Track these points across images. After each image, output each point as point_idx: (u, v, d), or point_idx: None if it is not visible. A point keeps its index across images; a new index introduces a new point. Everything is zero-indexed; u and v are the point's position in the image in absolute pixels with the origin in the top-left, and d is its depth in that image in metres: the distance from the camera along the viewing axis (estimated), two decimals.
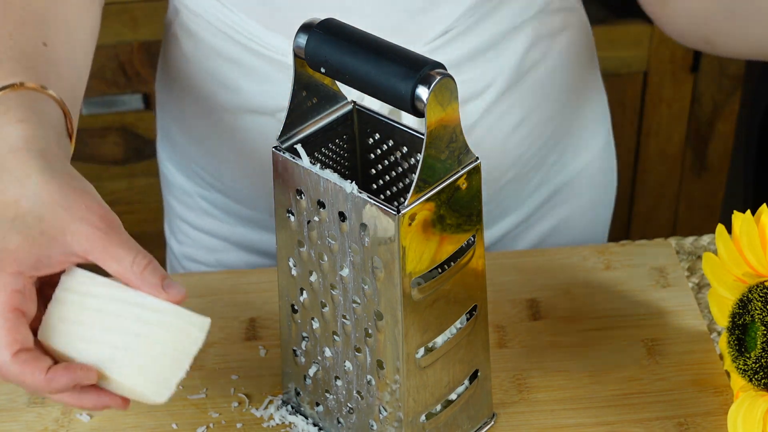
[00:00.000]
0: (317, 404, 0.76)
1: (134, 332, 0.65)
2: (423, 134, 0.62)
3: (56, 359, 0.66)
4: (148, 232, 1.23)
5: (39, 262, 0.64)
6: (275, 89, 0.92)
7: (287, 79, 0.91)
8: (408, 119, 0.89)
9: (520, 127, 0.96)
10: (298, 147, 0.66)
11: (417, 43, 0.89)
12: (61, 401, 0.66)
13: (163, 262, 1.18)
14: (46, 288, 0.67)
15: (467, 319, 0.71)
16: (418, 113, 0.61)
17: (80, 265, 0.66)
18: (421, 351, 0.68)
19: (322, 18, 0.65)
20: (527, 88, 0.95)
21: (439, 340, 0.69)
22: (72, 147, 0.73)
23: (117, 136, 1.69)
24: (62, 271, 0.66)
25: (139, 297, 0.65)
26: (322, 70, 0.65)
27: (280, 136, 0.67)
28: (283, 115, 0.67)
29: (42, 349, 0.66)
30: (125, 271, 0.64)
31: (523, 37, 0.93)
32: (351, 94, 0.70)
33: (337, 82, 0.68)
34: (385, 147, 0.70)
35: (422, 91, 0.60)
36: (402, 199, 0.70)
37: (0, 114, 0.68)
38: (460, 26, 0.89)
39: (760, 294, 0.74)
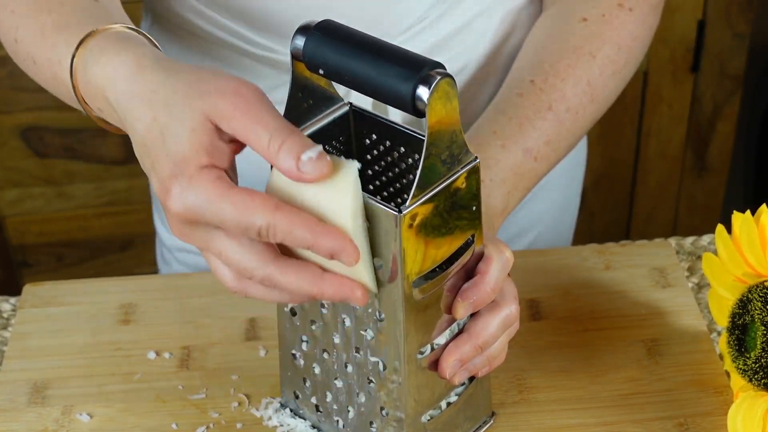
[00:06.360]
0: (317, 406, 0.76)
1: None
2: (420, 134, 0.62)
3: None
4: (148, 233, 1.23)
5: (215, 156, 0.61)
6: (257, 82, 0.92)
7: (272, 74, 0.92)
8: (395, 114, 0.89)
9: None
10: None
11: (392, 34, 0.89)
12: (293, 287, 0.61)
13: (153, 258, 1.17)
14: None
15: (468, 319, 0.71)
16: (419, 114, 0.61)
17: None
18: (422, 351, 0.68)
19: (318, 20, 0.65)
20: (499, 62, 0.96)
21: (440, 340, 0.69)
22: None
23: (117, 136, 1.69)
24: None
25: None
26: (321, 72, 0.64)
27: None
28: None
29: None
30: (264, 152, 0.59)
31: (495, 14, 0.93)
32: (338, 90, 0.70)
33: (333, 83, 0.68)
34: (381, 148, 0.70)
35: (423, 92, 0.60)
36: (401, 200, 0.70)
37: (98, 57, 0.67)
38: (433, 14, 0.90)
39: (760, 294, 0.74)
